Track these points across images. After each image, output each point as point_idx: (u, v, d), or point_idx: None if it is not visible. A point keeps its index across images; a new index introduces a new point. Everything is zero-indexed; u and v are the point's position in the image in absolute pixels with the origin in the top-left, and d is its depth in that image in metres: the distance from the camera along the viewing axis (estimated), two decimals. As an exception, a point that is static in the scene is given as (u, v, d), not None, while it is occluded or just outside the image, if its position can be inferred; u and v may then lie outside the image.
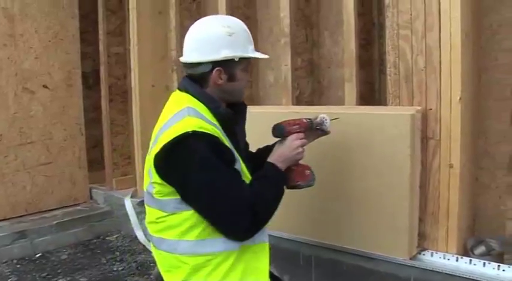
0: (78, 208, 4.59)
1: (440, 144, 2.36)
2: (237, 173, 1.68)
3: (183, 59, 1.79)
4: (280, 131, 1.92)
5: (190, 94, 1.74)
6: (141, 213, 4.11)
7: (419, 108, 2.39)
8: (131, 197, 4.37)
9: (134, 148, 4.31)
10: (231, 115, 1.77)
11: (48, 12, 4.41)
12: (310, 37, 3.36)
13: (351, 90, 2.84)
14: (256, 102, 3.68)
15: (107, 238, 4.33)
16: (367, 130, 2.41)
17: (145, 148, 3.98)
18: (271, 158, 1.84)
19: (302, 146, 1.88)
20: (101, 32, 4.62)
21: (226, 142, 1.68)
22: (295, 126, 1.92)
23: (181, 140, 1.58)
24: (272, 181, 1.76)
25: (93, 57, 4.96)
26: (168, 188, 1.65)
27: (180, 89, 1.80)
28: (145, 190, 1.78)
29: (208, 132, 1.60)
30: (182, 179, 1.61)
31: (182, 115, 1.65)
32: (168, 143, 1.60)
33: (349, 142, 2.44)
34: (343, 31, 2.90)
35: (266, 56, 1.86)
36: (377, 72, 3.11)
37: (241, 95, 1.87)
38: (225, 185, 1.62)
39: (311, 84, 3.36)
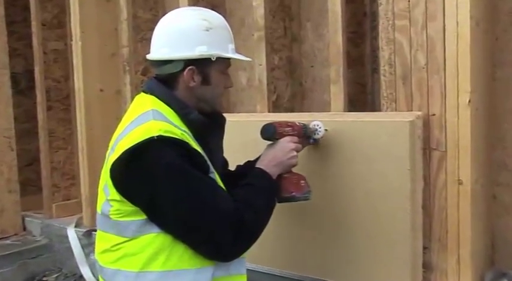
0: (7, 242, 4.47)
1: (447, 156, 2.36)
2: (214, 181, 1.70)
3: (150, 56, 1.82)
4: (271, 132, 1.99)
5: (156, 97, 1.77)
6: (88, 246, 4.04)
7: (419, 113, 2.38)
8: (75, 226, 4.29)
9: (79, 166, 4.24)
10: (204, 123, 1.78)
11: (-43, -5, 4.33)
12: (290, 30, 3.38)
13: (338, 93, 2.83)
14: (225, 109, 3.66)
15: (44, 279, 4.24)
16: (358, 141, 2.40)
17: (93, 165, 4.06)
18: (260, 163, 1.90)
19: (296, 150, 1.96)
20: (34, 23, 4.51)
21: (199, 149, 1.67)
22: (287, 129, 2.02)
23: (144, 145, 1.58)
24: (262, 188, 1.81)
25: (25, 54, 4.95)
26: (129, 206, 1.63)
27: (144, 91, 1.83)
28: (99, 211, 1.77)
29: (177, 136, 1.61)
30: (148, 192, 1.60)
31: (146, 118, 1.66)
32: (128, 150, 1.60)
33: (337, 155, 2.43)
34: (328, 22, 2.89)
35: (248, 59, 1.97)
36: (369, 72, 3.15)
37: (217, 103, 1.91)
38: (201, 195, 1.62)
39: (291, 87, 3.38)
